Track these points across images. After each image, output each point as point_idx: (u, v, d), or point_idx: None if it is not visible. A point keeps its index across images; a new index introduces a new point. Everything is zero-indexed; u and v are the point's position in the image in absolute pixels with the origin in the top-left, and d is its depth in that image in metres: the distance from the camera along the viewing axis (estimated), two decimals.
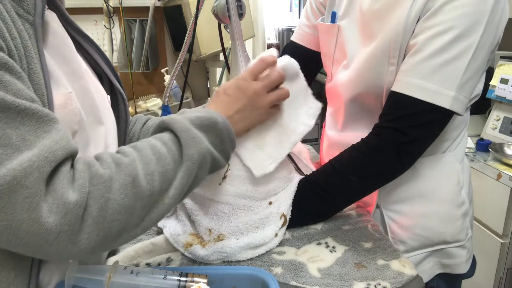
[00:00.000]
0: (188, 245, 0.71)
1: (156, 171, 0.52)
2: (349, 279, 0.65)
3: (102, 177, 0.47)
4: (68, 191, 0.44)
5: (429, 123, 0.75)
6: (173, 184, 0.54)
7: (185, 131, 0.57)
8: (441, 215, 0.88)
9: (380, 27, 0.80)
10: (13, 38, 0.46)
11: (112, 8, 1.97)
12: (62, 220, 0.43)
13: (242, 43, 0.88)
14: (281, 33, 3.21)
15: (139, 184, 0.50)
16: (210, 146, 0.59)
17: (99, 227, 0.46)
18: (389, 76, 0.79)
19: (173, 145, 0.56)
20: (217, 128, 0.61)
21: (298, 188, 0.80)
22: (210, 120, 0.60)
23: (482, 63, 0.74)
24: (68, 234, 0.44)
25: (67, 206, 0.44)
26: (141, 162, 0.52)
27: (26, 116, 0.44)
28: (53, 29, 0.56)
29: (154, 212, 0.52)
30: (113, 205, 0.47)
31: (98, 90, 0.65)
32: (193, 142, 0.57)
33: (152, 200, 0.52)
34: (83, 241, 0.46)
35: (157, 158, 0.53)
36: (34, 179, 0.42)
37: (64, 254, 0.46)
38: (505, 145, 1.66)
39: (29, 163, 0.42)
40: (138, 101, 2.14)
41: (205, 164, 0.58)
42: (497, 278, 1.60)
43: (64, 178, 0.45)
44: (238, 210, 0.75)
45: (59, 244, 0.44)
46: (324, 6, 0.98)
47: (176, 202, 0.55)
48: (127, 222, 0.49)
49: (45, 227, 0.43)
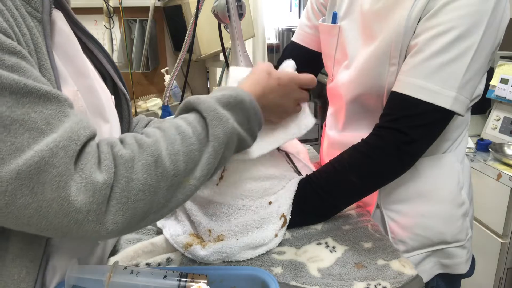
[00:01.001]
0: (188, 245, 0.71)
1: (180, 151, 0.52)
2: (349, 279, 0.65)
3: (123, 158, 0.48)
4: (96, 171, 0.45)
5: (430, 123, 0.75)
6: (199, 164, 0.54)
7: (211, 111, 0.56)
8: (441, 215, 0.88)
9: (381, 28, 0.80)
10: (23, 34, 0.47)
11: (112, 8, 1.97)
12: (91, 199, 0.44)
13: (242, 43, 0.88)
14: (281, 33, 3.22)
15: (163, 164, 0.50)
16: (236, 125, 0.58)
17: (123, 208, 0.47)
18: (390, 77, 0.79)
19: (198, 125, 0.56)
20: (243, 107, 0.60)
21: (298, 188, 0.80)
22: (236, 98, 0.59)
23: (483, 63, 0.74)
24: (96, 214, 0.45)
25: (95, 186, 0.44)
26: (165, 142, 0.52)
27: (47, 100, 0.44)
28: (59, 28, 0.57)
29: (180, 192, 0.52)
30: (136, 185, 0.48)
31: (103, 89, 0.65)
32: (219, 122, 0.56)
33: (177, 180, 0.52)
34: (110, 222, 0.46)
35: (182, 138, 0.53)
36: (61, 158, 0.43)
37: (93, 235, 0.46)
38: (505, 145, 1.66)
39: (54, 143, 0.43)
40: (138, 101, 2.14)
41: (231, 144, 0.58)
42: (497, 278, 1.60)
43: (92, 159, 0.46)
44: (237, 210, 0.75)
45: (88, 224, 0.45)
46: (325, 7, 0.98)
47: (203, 182, 0.55)
48: (152, 202, 0.49)
49: (74, 205, 0.43)
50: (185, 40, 1.06)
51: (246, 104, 0.60)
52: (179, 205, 0.54)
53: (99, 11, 2.01)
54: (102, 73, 0.69)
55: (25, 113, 0.43)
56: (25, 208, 0.42)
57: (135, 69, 2.09)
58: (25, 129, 0.42)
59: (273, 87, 0.69)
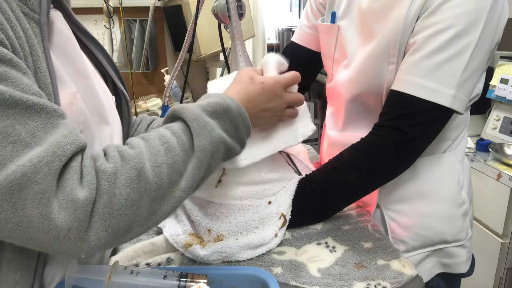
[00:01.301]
0: (187, 245, 0.71)
1: (164, 162, 0.51)
2: (349, 279, 0.65)
3: (105, 172, 0.47)
4: (78, 188, 0.44)
5: (429, 121, 0.75)
6: (184, 175, 0.53)
7: (196, 120, 0.55)
8: (441, 214, 0.88)
9: (379, 26, 0.80)
10: (18, 37, 0.46)
11: (112, 8, 1.97)
12: (72, 216, 0.43)
13: (242, 43, 0.88)
14: (281, 33, 3.21)
15: (146, 177, 0.49)
16: (223, 133, 0.57)
17: (106, 223, 0.46)
18: (389, 75, 0.79)
19: (183, 134, 0.55)
20: (230, 114, 0.58)
21: (298, 188, 0.80)
22: (223, 106, 0.58)
23: (482, 61, 0.74)
24: (78, 231, 0.44)
25: (76, 203, 0.43)
26: (149, 154, 0.50)
27: (34, 112, 0.43)
28: (58, 28, 0.56)
29: (165, 204, 0.51)
30: (119, 200, 0.47)
31: (104, 90, 0.65)
32: (205, 131, 0.55)
33: (161, 193, 0.50)
34: (92, 238, 0.45)
35: (166, 149, 0.52)
36: (44, 174, 0.42)
37: (75, 251, 0.46)
38: (505, 145, 1.66)
39: (38, 159, 0.41)
40: (138, 101, 2.14)
41: (218, 153, 0.57)
42: (497, 278, 1.60)
43: (74, 174, 0.44)
44: (237, 210, 0.75)
45: (69, 241, 0.44)
46: (324, 7, 0.98)
47: (189, 193, 0.54)
48: (135, 216, 0.48)
49: (55, 223, 0.42)
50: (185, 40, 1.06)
51: (233, 111, 0.59)
52: (165, 217, 0.53)
53: (99, 11, 2.01)
54: (102, 73, 0.69)
55: (9, 125, 0.41)
56: (6, 223, 0.41)
57: (135, 69, 2.09)
58: (8, 141, 0.41)
59: (258, 91, 0.67)
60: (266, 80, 0.69)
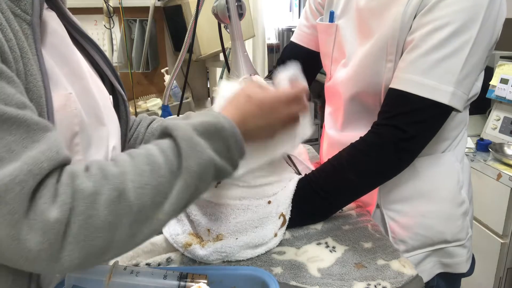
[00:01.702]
0: (187, 245, 0.71)
1: (148, 184, 0.47)
2: (349, 279, 0.65)
3: (84, 192, 0.43)
4: (49, 208, 0.42)
5: (428, 119, 0.75)
6: (169, 198, 0.49)
7: (186, 140, 0.52)
8: (441, 214, 0.88)
9: (377, 25, 0.80)
10: (8, 39, 0.45)
11: (112, 8, 1.97)
12: (41, 239, 0.41)
13: (242, 43, 0.88)
14: (281, 33, 3.22)
15: (127, 199, 0.46)
16: (213, 154, 0.54)
17: (80, 245, 0.43)
18: (387, 73, 0.79)
19: (171, 154, 0.51)
20: (223, 135, 0.55)
21: (297, 188, 0.80)
22: (216, 126, 0.55)
23: (480, 59, 0.74)
24: (49, 253, 0.42)
25: (47, 224, 0.41)
26: (133, 174, 0.47)
27: (13, 125, 0.41)
28: (52, 28, 0.55)
29: (146, 227, 0.48)
30: (96, 222, 0.44)
31: (100, 90, 0.64)
32: (194, 152, 0.51)
33: (143, 216, 0.47)
34: (65, 259, 0.43)
35: (151, 169, 0.49)
36: (15, 194, 0.39)
37: (47, 270, 0.44)
38: (505, 145, 1.66)
39: (10, 178, 0.39)
40: (138, 101, 2.14)
41: (206, 175, 0.53)
42: (497, 278, 1.60)
43: (47, 193, 0.42)
44: (236, 210, 0.75)
45: (40, 262, 0.42)
46: (322, 6, 0.99)
47: (172, 216, 0.51)
48: (113, 238, 0.45)
49: (25, 244, 0.41)
50: (185, 40, 1.06)
51: (227, 132, 0.55)
52: (146, 240, 0.50)
53: (99, 11, 2.01)
54: (100, 73, 0.68)
55: None
56: None
57: (135, 69, 2.09)
58: None
59: (254, 112, 0.62)
60: (265, 98, 0.64)
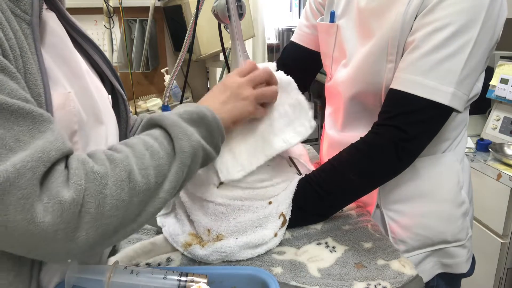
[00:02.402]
0: (187, 245, 0.71)
1: (150, 165, 0.52)
2: (349, 279, 0.65)
3: (98, 174, 0.47)
4: (63, 190, 0.44)
5: (428, 120, 0.75)
6: (168, 177, 0.54)
7: (175, 126, 0.57)
8: (442, 214, 0.88)
9: (378, 25, 0.80)
10: (8, 38, 0.46)
11: (112, 8, 1.97)
12: (58, 219, 0.43)
13: (242, 43, 0.88)
14: (281, 33, 3.21)
15: (135, 179, 0.50)
16: (201, 139, 0.59)
17: (97, 223, 0.46)
18: (388, 74, 0.79)
19: (164, 140, 0.56)
20: (206, 122, 0.61)
21: (297, 188, 0.80)
22: (199, 114, 0.61)
23: (481, 60, 0.74)
24: (65, 232, 0.44)
25: (63, 205, 0.43)
26: (135, 157, 0.52)
27: (20, 116, 0.43)
28: (51, 28, 0.56)
29: (150, 206, 0.53)
30: (111, 201, 0.47)
31: (99, 90, 0.64)
32: (184, 136, 0.57)
33: (148, 195, 0.52)
34: (81, 238, 0.46)
35: (150, 152, 0.53)
36: (28, 179, 0.41)
37: (62, 252, 0.46)
38: (505, 145, 1.66)
39: (22, 164, 0.41)
40: (138, 101, 2.14)
41: (197, 157, 0.59)
42: (497, 278, 1.60)
43: (59, 177, 0.44)
44: (236, 210, 0.75)
45: (56, 242, 0.44)
46: (323, 6, 0.99)
47: (171, 196, 0.56)
48: (124, 217, 0.49)
49: (41, 227, 0.42)
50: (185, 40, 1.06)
51: (208, 118, 0.61)
52: (148, 219, 0.54)
53: (99, 11, 2.01)
54: (99, 72, 0.69)
55: None
56: None
57: (135, 69, 2.09)
58: None
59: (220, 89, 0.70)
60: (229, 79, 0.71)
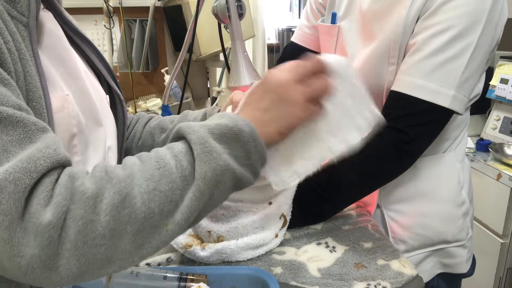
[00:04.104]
0: (187, 246, 0.71)
1: (157, 189, 0.44)
2: (349, 279, 0.65)
3: (84, 194, 0.40)
4: (43, 210, 0.39)
5: (429, 122, 0.75)
6: (180, 206, 0.45)
7: (201, 144, 0.47)
8: (442, 214, 0.88)
9: (380, 27, 0.80)
10: (6, 41, 0.45)
11: (112, 8, 1.97)
12: (33, 243, 0.38)
13: (242, 43, 0.88)
14: (281, 33, 3.22)
15: (131, 205, 0.42)
16: (231, 160, 0.48)
17: (78, 252, 0.40)
18: (389, 76, 0.79)
19: (184, 158, 0.46)
20: (241, 140, 0.49)
21: (298, 188, 0.80)
22: (233, 129, 0.48)
23: (482, 62, 0.74)
24: (41, 259, 0.39)
25: (38, 228, 0.38)
26: (141, 178, 0.44)
27: (9, 125, 0.40)
28: (48, 29, 0.55)
29: (155, 238, 0.44)
30: (96, 227, 0.40)
31: (97, 90, 0.64)
32: (209, 157, 0.46)
33: (150, 225, 0.43)
34: (63, 267, 0.40)
35: (161, 173, 0.45)
36: (9, 193, 0.37)
37: (44, 281, 0.41)
38: (505, 145, 1.66)
39: (4, 176, 0.37)
40: (138, 101, 2.14)
41: (222, 183, 0.48)
42: (497, 278, 1.60)
43: (43, 193, 0.39)
44: (237, 212, 0.75)
45: (33, 270, 0.39)
46: (324, 7, 0.98)
47: (184, 227, 0.46)
48: (117, 248, 0.42)
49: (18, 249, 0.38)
50: (185, 40, 1.06)
51: (245, 136, 0.49)
52: (154, 252, 0.45)
53: (99, 11, 2.01)
54: (96, 73, 0.68)
55: None
56: None
57: (135, 69, 2.08)
58: None
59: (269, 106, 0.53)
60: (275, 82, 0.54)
